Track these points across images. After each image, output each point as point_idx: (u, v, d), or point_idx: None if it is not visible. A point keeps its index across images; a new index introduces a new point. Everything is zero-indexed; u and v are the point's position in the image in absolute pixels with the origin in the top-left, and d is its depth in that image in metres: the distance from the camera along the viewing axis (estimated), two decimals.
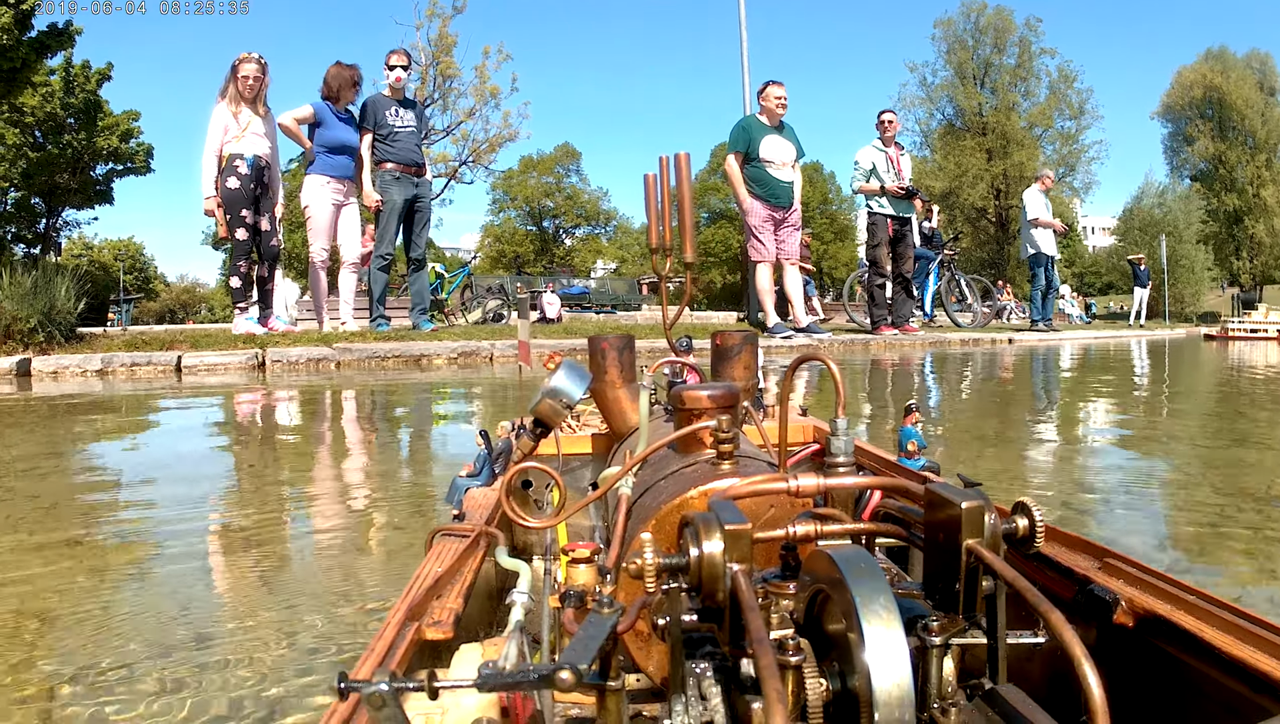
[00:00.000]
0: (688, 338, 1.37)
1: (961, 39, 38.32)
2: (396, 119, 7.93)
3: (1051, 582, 0.71)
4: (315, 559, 1.60)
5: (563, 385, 0.89)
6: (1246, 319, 14.24)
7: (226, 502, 2.17)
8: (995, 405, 4.43)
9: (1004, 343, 10.84)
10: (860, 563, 0.47)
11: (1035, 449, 2.86)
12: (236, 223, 7.38)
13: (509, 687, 0.43)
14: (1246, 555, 1.51)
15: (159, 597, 1.34)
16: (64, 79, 24.54)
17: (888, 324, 10.18)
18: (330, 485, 2.43)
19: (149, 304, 42.95)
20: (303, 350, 6.99)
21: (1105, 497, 2.03)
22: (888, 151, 9.81)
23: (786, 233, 9.29)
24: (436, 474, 2.45)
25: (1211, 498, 1.96)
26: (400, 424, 3.84)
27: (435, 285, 13.12)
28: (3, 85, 13.89)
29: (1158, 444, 3.01)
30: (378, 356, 7.15)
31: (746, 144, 9.00)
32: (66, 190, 26.36)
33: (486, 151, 25.99)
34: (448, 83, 25.06)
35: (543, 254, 46.35)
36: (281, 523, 1.89)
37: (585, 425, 1.59)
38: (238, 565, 1.57)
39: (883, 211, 9.86)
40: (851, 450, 0.67)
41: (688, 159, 1.11)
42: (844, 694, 0.46)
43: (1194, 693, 0.58)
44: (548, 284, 21.94)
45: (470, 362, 7.44)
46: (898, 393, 4.92)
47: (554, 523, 0.84)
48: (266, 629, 1.18)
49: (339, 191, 7.95)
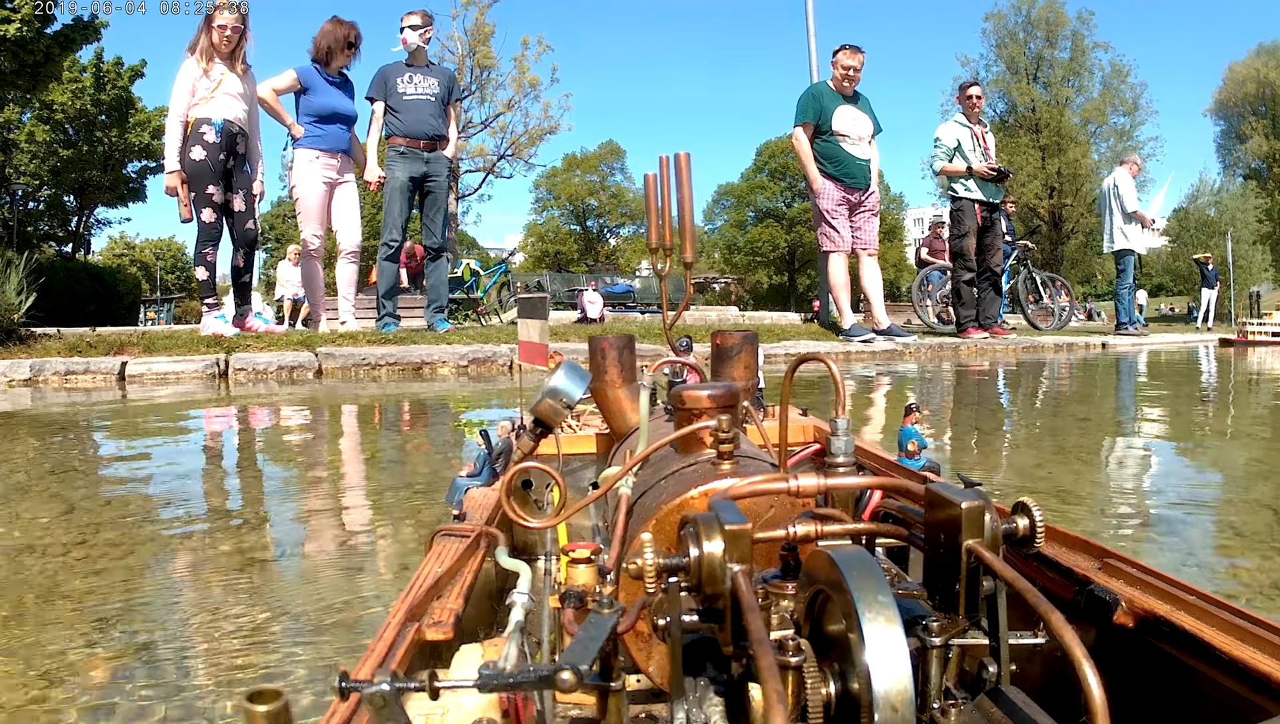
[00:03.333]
0: (688, 338, 1.37)
1: (1013, 32, 37.75)
2: (409, 85, 6.95)
3: (1052, 582, 0.71)
4: None
5: (563, 385, 0.89)
6: (1268, 321, 12.53)
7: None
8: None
9: (1097, 349, 9.44)
10: (860, 563, 0.47)
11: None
12: (202, 201, 6.18)
13: (510, 687, 0.43)
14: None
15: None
16: (95, 75, 24.58)
17: (976, 326, 8.92)
18: None
19: (192, 303, 43.09)
20: (273, 356, 5.87)
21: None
22: (973, 128, 8.63)
23: (863, 219, 8.08)
24: None
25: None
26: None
27: (470, 283, 12.86)
28: (26, 80, 13.77)
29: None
30: (367, 363, 6.02)
31: (817, 114, 7.80)
32: (98, 187, 26.47)
33: (526, 145, 25.48)
34: (485, 74, 24.47)
35: (587, 253, 46.13)
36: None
37: (585, 425, 1.59)
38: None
39: (969, 196, 8.61)
40: (852, 450, 0.67)
41: (688, 159, 1.11)
42: (844, 695, 0.46)
43: (1194, 693, 0.58)
44: (590, 282, 20.89)
45: (483, 370, 6.28)
46: (1029, 427, 3.42)
47: (554, 523, 0.84)
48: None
49: (330, 167, 6.91)
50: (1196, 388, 5.43)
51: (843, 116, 7.83)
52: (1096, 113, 36.69)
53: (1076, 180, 36.17)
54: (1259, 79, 42.41)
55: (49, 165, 25.34)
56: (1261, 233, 37.81)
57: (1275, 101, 42.32)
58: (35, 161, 25.19)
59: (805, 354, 0.79)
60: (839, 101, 7.85)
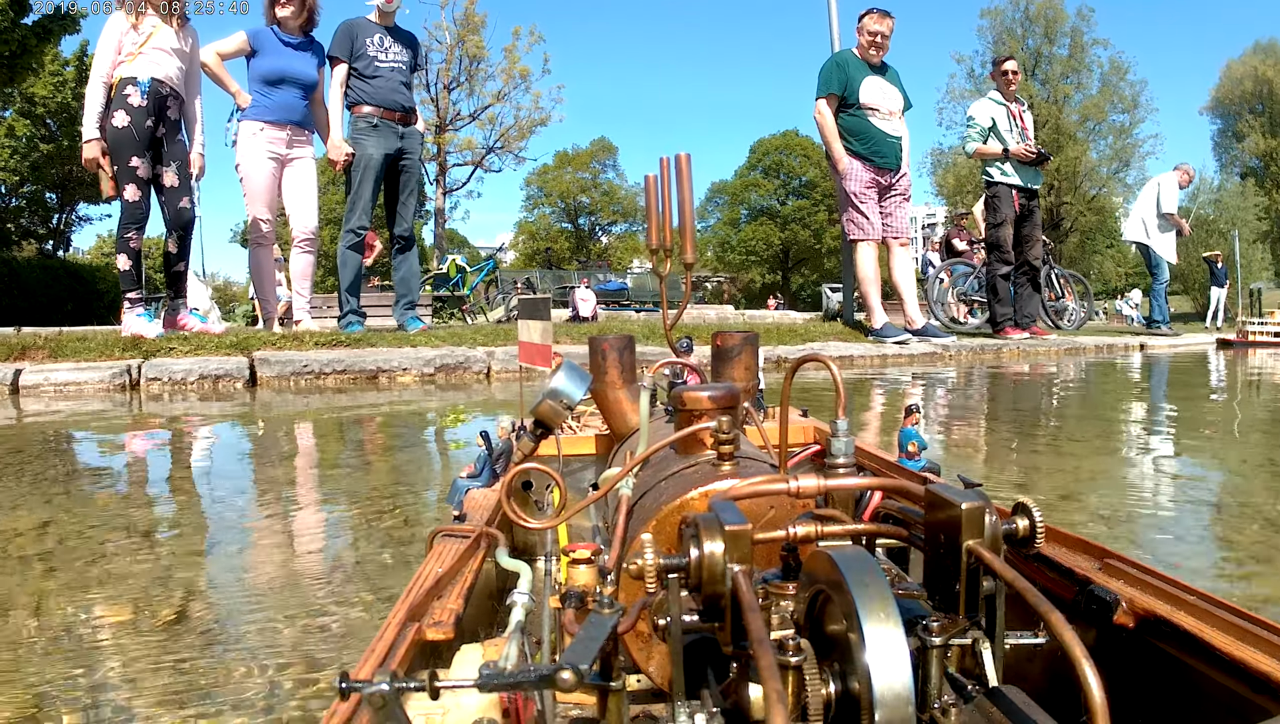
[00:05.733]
0: (688, 339, 1.37)
1: (1010, 29, 37.18)
2: (380, 50, 6.07)
3: (1052, 582, 0.71)
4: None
5: (563, 386, 0.89)
6: (1270, 320, 11.66)
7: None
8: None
9: (1135, 350, 8.84)
10: (861, 564, 0.47)
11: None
12: (125, 176, 5.23)
13: (510, 687, 0.43)
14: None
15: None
16: (78, 69, 24.23)
17: (1013, 324, 8.15)
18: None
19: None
20: (194, 363, 4.89)
21: None
22: (1009, 106, 7.90)
23: (894, 203, 7.18)
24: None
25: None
26: None
27: (456, 280, 12.44)
28: (3, 72, 13.45)
29: None
30: (310, 371, 5.08)
31: (843, 85, 6.92)
32: (80, 183, 26.10)
33: (516, 138, 25.02)
34: (474, 64, 23.90)
35: (578, 251, 45.66)
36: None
37: (586, 426, 1.60)
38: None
39: (1006, 181, 7.85)
40: (852, 451, 0.67)
41: (688, 160, 1.11)
42: (844, 695, 0.46)
43: (1194, 693, 0.58)
44: (582, 279, 20.04)
45: (454, 378, 5.31)
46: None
47: (554, 524, 0.84)
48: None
49: (278, 141, 5.99)
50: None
51: (871, 88, 6.93)
52: (1095, 110, 36.26)
53: (1075, 178, 36.02)
54: (1256, 77, 42.32)
55: (29, 161, 24.94)
56: (1260, 231, 37.77)
57: (1273, 99, 42.23)
58: (15, 157, 24.80)
59: (806, 355, 0.79)
60: (866, 71, 6.96)
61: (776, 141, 47.77)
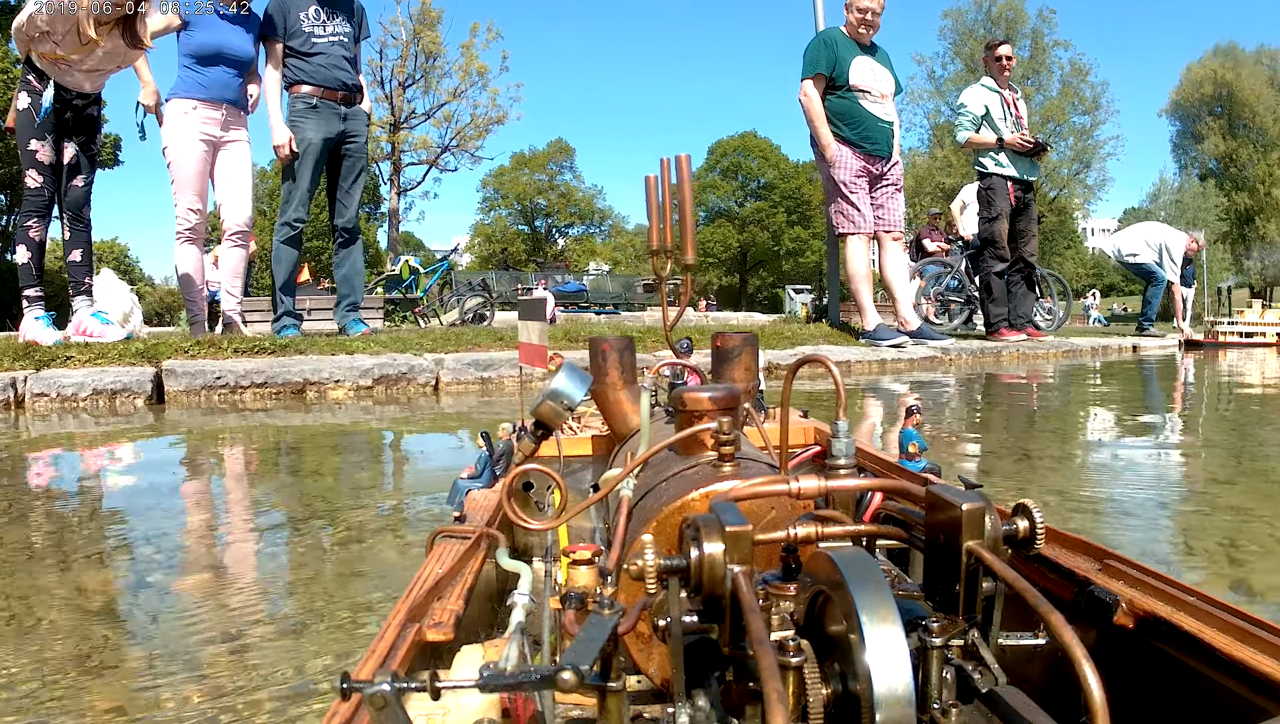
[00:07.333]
0: (688, 340, 1.37)
1: (972, 30, 37.25)
2: (316, 24, 5.54)
3: (1052, 583, 0.71)
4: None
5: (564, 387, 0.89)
6: (1239, 319, 11.82)
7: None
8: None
9: (1128, 351, 8.70)
10: (861, 565, 0.47)
11: None
12: (26, 161, 4.87)
13: (511, 687, 0.43)
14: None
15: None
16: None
17: (1008, 325, 7.75)
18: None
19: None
20: (88, 375, 4.16)
21: None
22: (1003, 93, 7.51)
23: (886, 194, 6.69)
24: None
25: None
26: None
27: (410, 281, 12.05)
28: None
29: None
30: (224, 384, 4.41)
31: (831, 65, 6.41)
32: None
33: (473, 136, 24.57)
34: (431, 61, 23.29)
35: (535, 253, 45.72)
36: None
37: (586, 427, 1.60)
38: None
39: (1001, 172, 7.42)
40: (852, 452, 0.67)
41: (688, 160, 1.11)
42: (845, 695, 0.46)
43: (1194, 694, 0.58)
44: (539, 281, 19.75)
45: (396, 392, 4.67)
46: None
47: (555, 525, 0.84)
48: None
49: (212, 121, 5.48)
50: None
51: (861, 68, 6.46)
52: (1057, 111, 36.27)
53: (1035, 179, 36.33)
54: (1216, 80, 42.81)
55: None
56: (1220, 232, 37.92)
57: (1232, 102, 42.70)
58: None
59: (806, 356, 0.79)
60: (856, 51, 6.49)
61: (735, 143, 47.86)
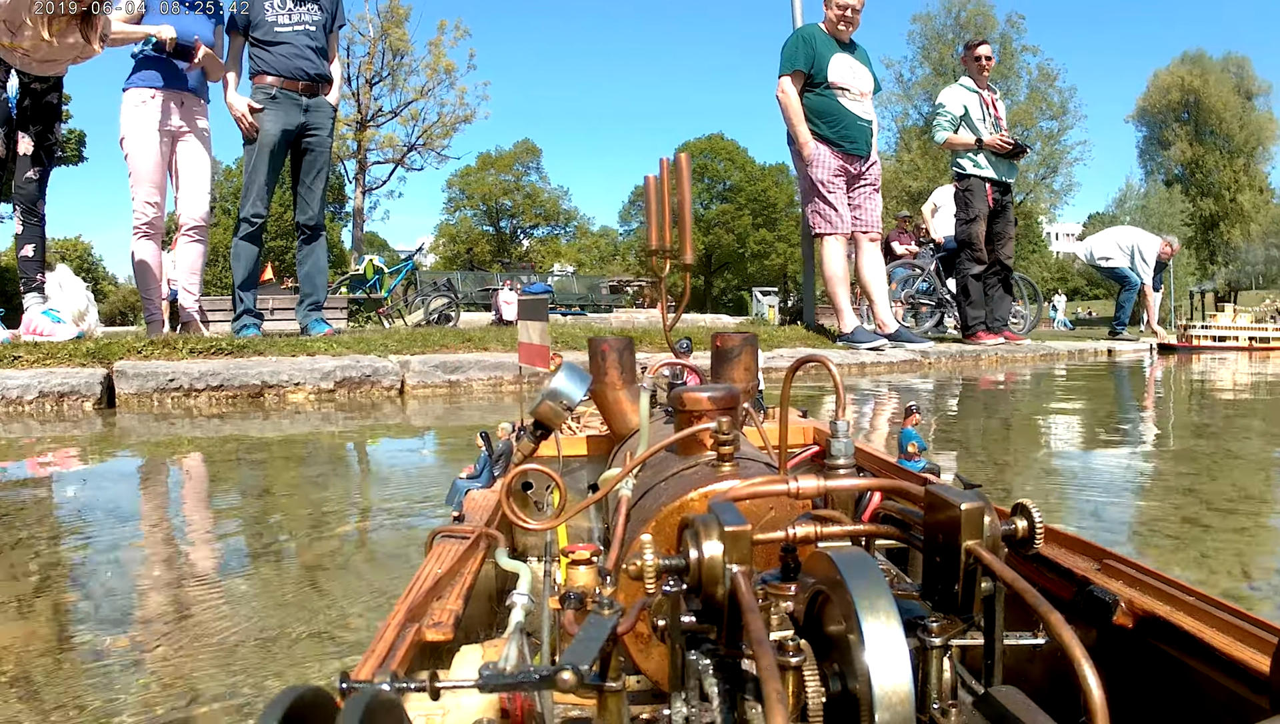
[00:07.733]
0: (687, 340, 1.37)
1: (940, 34, 37.47)
2: (281, 12, 5.43)
3: (1051, 583, 0.71)
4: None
5: (563, 387, 0.89)
6: (1213, 324, 12.08)
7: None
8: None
9: (1104, 354, 8.74)
10: (860, 564, 0.47)
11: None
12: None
13: (510, 687, 0.43)
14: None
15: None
16: None
17: (985, 328, 7.69)
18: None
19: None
20: (34, 376, 3.96)
21: None
22: (982, 94, 7.44)
23: (863, 194, 6.64)
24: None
25: None
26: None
27: (374, 281, 11.94)
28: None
29: None
30: (178, 387, 4.20)
31: (809, 61, 6.36)
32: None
33: (439, 135, 24.42)
34: (398, 58, 23.12)
35: (500, 253, 45.38)
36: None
37: (585, 427, 1.60)
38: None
39: (979, 173, 7.35)
40: (851, 452, 0.67)
41: (688, 160, 1.11)
42: (844, 695, 0.46)
43: (1194, 694, 0.58)
44: (505, 281, 19.03)
45: (359, 395, 4.50)
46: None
47: (554, 525, 0.84)
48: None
49: (170, 111, 5.32)
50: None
51: (840, 66, 6.41)
52: (1024, 116, 36.27)
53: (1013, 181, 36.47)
54: (1183, 86, 43.15)
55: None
56: (1186, 237, 38.06)
57: (1198, 108, 42.99)
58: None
59: (806, 356, 0.79)
60: (835, 48, 6.45)
61: (701, 145, 47.89)
